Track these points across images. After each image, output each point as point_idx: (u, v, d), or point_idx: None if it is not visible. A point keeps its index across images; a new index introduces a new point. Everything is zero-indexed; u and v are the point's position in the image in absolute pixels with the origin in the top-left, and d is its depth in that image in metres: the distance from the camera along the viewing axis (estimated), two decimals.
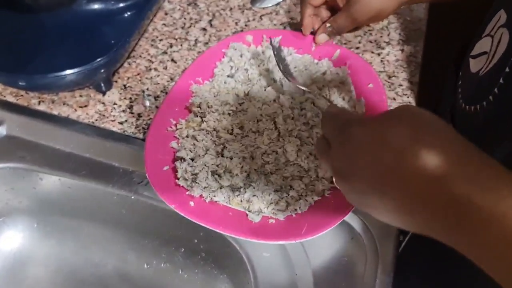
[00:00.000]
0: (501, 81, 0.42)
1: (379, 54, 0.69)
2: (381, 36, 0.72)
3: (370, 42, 0.71)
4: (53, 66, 0.59)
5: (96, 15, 0.65)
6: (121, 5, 0.66)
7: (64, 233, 0.64)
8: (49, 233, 0.64)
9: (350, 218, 0.52)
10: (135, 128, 0.60)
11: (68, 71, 0.58)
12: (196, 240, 0.58)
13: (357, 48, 0.70)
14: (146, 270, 0.63)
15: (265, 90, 0.58)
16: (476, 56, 0.49)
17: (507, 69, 0.42)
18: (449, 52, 0.70)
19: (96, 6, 0.65)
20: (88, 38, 0.62)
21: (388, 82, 0.66)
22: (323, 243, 0.51)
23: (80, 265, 0.63)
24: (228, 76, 0.60)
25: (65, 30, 0.63)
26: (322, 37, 0.65)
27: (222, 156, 0.52)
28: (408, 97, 0.64)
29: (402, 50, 0.70)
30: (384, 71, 0.67)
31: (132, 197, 0.56)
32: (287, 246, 0.51)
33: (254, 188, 0.50)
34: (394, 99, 0.64)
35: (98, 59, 0.60)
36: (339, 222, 0.48)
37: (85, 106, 0.62)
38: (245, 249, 0.52)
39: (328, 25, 0.64)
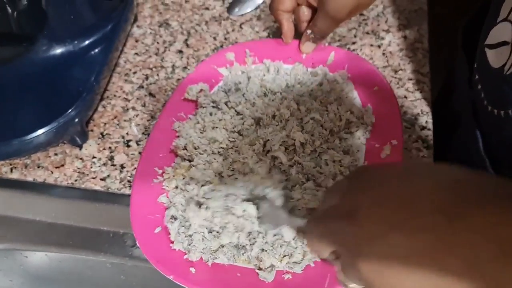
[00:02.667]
0: None
1: (379, 46, 0.61)
2: (378, 24, 0.64)
3: (367, 33, 0.63)
4: (18, 130, 0.52)
5: (58, 61, 0.58)
6: (86, 42, 0.59)
7: None
8: None
9: None
10: (120, 182, 0.53)
11: (36, 133, 0.51)
12: None
13: (354, 43, 0.62)
14: None
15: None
16: (494, 46, 0.41)
17: None
18: (458, 30, 0.62)
19: (58, 50, 0.58)
20: (52, 89, 0.55)
21: (395, 77, 0.58)
22: None
23: None
24: (213, 106, 0.53)
25: (24, 85, 0.56)
26: (307, 46, 0.56)
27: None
28: (421, 93, 0.56)
29: (405, 37, 0.62)
30: (389, 65, 0.59)
31: (128, 263, 0.49)
32: None
33: (262, 242, 0.42)
34: (406, 97, 0.56)
35: (68, 111, 0.53)
36: None
37: (62, 165, 0.55)
38: None
39: (309, 31, 0.55)
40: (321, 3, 0.51)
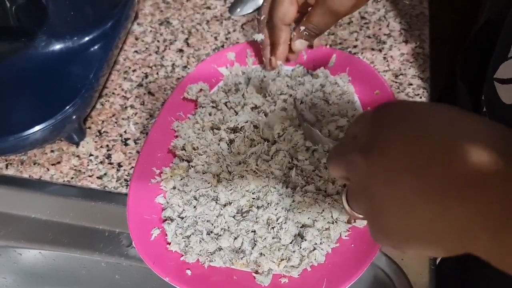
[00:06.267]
0: None
1: (380, 50, 0.61)
2: (380, 29, 0.64)
3: (369, 37, 0.63)
4: (14, 126, 0.51)
5: (57, 57, 0.57)
6: (86, 39, 0.58)
7: None
8: None
9: (376, 258, 0.44)
10: (117, 181, 0.52)
11: (33, 129, 0.51)
12: None
13: (355, 47, 0.62)
14: None
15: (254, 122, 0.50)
16: (505, 82, 0.40)
17: None
18: (459, 35, 0.62)
19: (57, 46, 0.57)
20: (50, 86, 0.55)
21: (396, 82, 0.58)
22: None
23: None
24: (212, 107, 0.53)
25: (22, 81, 0.55)
26: (299, 43, 0.52)
27: (217, 203, 0.45)
28: (421, 98, 0.56)
29: (406, 42, 0.62)
30: (389, 70, 0.59)
31: (124, 263, 0.49)
32: None
33: (260, 245, 0.42)
34: None
35: (66, 108, 0.52)
36: (365, 269, 0.41)
37: (58, 162, 0.54)
38: None
39: (302, 28, 0.50)
40: None
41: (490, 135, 0.24)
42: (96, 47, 0.58)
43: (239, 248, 0.42)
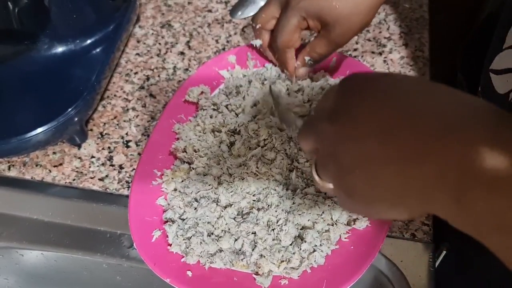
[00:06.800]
0: None
1: (380, 54, 0.61)
2: (380, 32, 0.64)
3: (369, 40, 0.63)
4: (16, 128, 0.51)
5: (59, 59, 0.58)
6: (88, 42, 0.59)
7: None
8: None
9: (375, 260, 0.44)
10: (118, 183, 0.53)
11: (35, 131, 0.51)
12: None
13: (355, 50, 0.62)
14: None
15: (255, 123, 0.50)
16: (499, 72, 0.41)
17: None
18: (459, 38, 0.62)
19: (59, 49, 0.58)
20: (53, 88, 0.55)
21: None
22: None
23: None
24: (214, 109, 0.53)
25: (25, 83, 0.55)
26: (303, 71, 0.54)
27: (218, 205, 0.45)
28: None
29: (406, 45, 0.62)
30: None
31: (125, 264, 0.49)
32: None
33: (260, 247, 0.42)
34: None
35: (68, 110, 0.53)
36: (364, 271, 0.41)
37: (60, 164, 0.55)
38: None
39: (307, 58, 0.53)
40: (326, 30, 0.50)
41: (449, 102, 0.25)
42: (98, 49, 0.59)
43: (240, 250, 0.43)
